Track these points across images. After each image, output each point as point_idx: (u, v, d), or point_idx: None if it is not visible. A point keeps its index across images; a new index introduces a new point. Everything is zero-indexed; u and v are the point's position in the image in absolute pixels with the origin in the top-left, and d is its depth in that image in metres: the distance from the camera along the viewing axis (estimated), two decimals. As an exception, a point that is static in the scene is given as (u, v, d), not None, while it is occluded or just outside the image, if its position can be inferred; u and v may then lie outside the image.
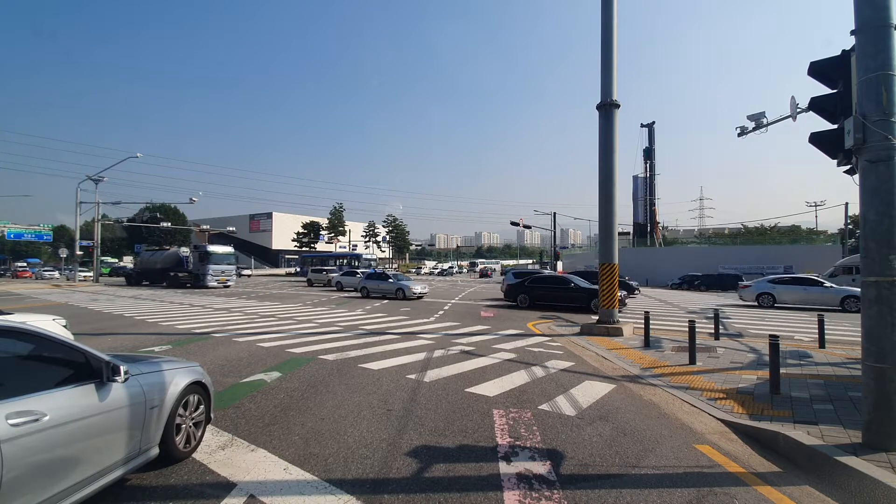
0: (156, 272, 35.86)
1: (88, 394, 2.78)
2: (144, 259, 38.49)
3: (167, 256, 35.96)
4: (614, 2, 11.18)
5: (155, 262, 36.21)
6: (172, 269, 34.31)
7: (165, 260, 35.62)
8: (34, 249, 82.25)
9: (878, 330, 3.76)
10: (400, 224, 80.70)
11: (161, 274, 35.09)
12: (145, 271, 37.22)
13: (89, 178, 38.96)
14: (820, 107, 4.81)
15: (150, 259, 37.37)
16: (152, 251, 39.72)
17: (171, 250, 37.02)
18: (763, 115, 21.52)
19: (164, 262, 35.40)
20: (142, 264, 38.22)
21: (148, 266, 36.99)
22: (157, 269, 35.60)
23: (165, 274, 34.48)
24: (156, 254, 37.94)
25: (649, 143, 41.43)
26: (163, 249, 38.89)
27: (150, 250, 40.39)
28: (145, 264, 37.58)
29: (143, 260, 38.48)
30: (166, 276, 34.36)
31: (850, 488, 3.34)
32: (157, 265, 35.79)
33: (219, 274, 32.00)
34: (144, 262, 37.96)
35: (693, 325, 7.65)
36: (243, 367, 7.27)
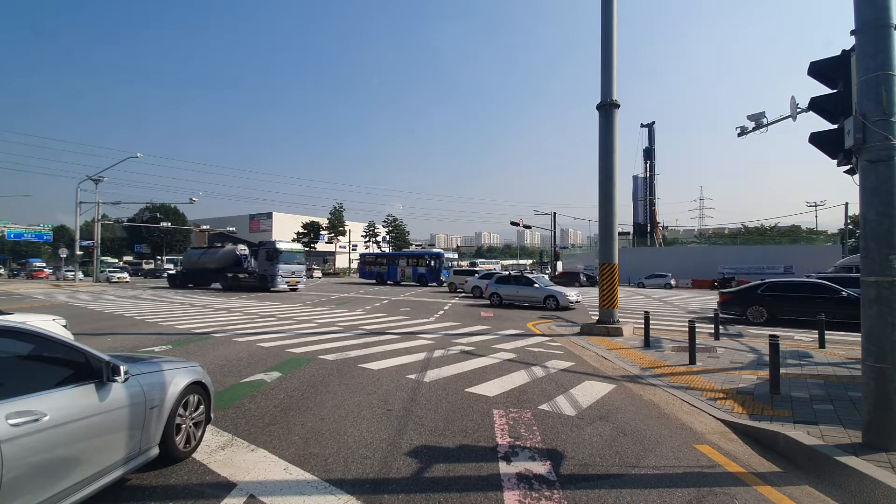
0: (206, 273, 31.87)
1: (88, 394, 2.78)
2: (192, 258, 34.05)
3: (223, 255, 31.38)
4: (614, 2, 11.19)
5: (206, 261, 31.81)
6: (229, 270, 30.40)
7: (221, 259, 31.11)
8: (34, 249, 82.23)
9: (878, 330, 3.76)
10: (400, 224, 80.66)
11: (213, 275, 31.42)
12: (193, 272, 33.12)
13: (89, 178, 39.02)
14: (820, 107, 4.81)
15: (201, 258, 32.82)
16: (201, 249, 35.47)
17: (226, 248, 32.15)
18: (763, 115, 21.55)
19: (220, 261, 31.01)
20: (189, 264, 34.02)
21: (197, 266, 32.70)
22: (209, 270, 31.50)
23: (219, 275, 30.79)
24: (207, 252, 33.29)
25: (649, 143, 41.45)
26: (215, 247, 34.26)
27: (199, 248, 36.54)
28: (193, 264, 33.25)
29: (191, 259, 34.09)
30: (220, 278, 30.75)
31: (850, 488, 3.34)
32: (208, 265, 31.48)
33: (288, 275, 27.72)
34: (192, 262, 33.59)
35: (693, 325, 7.65)
36: (243, 367, 7.27)
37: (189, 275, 33.63)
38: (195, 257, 33.62)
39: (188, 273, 33.77)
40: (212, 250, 33.23)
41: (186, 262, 34.82)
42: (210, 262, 31.55)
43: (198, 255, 33.61)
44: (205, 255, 32.62)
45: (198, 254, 33.86)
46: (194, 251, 35.56)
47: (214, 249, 33.31)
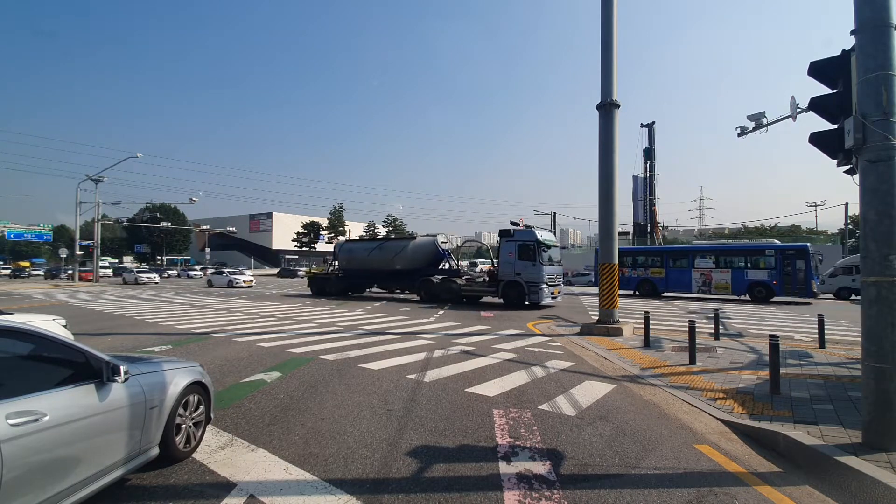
0: (386, 275, 22.23)
1: (88, 394, 2.78)
2: (355, 254, 23.44)
3: (416, 250, 21.20)
4: (614, 2, 11.19)
5: (386, 258, 21.82)
6: (426, 271, 20.81)
7: (414, 255, 21.18)
8: (34, 249, 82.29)
9: (878, 330, 3.76)
10: (400, 224, 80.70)
11: (400, 278, 21.80)
12: (357, 274, 23.32)
13: (89, 178, 39.03)
14: (820, 107, 4.81)
15: (373, 255, 22.41)
16: (376, 242, 24.30)
17: (420, 239, 21.82)
18: (763, 115, 21.54)
19: (411, 258, 21.23)
20: (350, 262, 23.49)
21: (366, 265, 22.72)
22: (392, 272, 21.79)
23: (407, 279, 21.36)
24: (383, 246, 22.57)
25: (649, 143, 41.45)
26: (400, 239, 23.95)
27: (366, 240, 26.18)
28: (360, 262, 23.03)
29: (354, 255, 23.39)
30: (408, 281, 21.37)
31: (850, 488, 3.34)
32: (390, 264, 21.63)
33: (552, 281, 17.67)
34: (357, 260, 23.21)
35: (693, 326, 7.65)
36: (243, 367, 7.27)
37: (351, 278, 23.61)
38: (361, 253, 23.11)
39: (349, 275, 23.67)
40: (393, 243, 22.75)
41: (346, 260, 23.80)
42: (392, 260, 21.56)
43: (366, 249, 23.12)
44: (381, 251, 22.29)
45: (365, 248, 23.32)
46: (355, 244, 25.19)
47: (398, 242, 22.77)
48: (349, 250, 23.98)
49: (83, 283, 39.74)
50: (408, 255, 21.24)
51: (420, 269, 20.95)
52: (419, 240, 21.83)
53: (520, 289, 17.27)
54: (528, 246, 17.28)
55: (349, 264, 23.60)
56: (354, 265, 23.35)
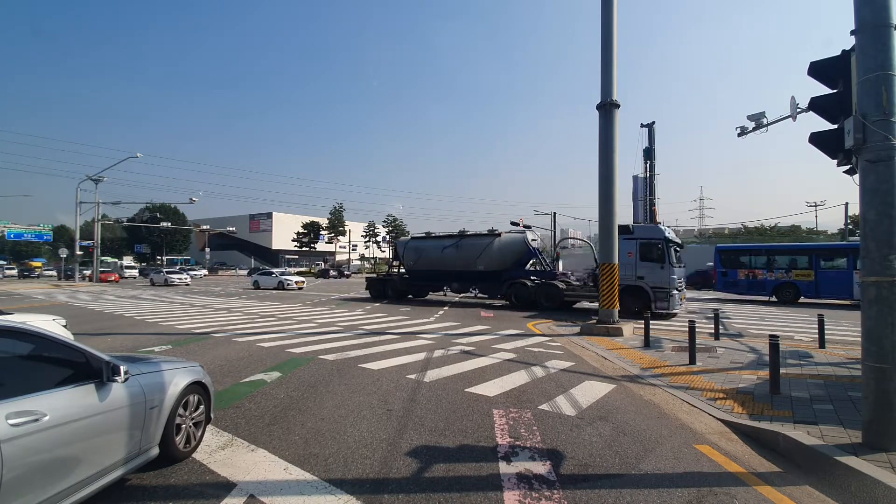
0: (464, 277, 19.63)
1: (88, 394, 2.78)
2: (426, 252, 20.46)
3: (504, 247, 18.27)
4: (614, 2, 11.19)
5: (464, 258, 19.06)
6: (520, 273, 18.03)
7: (500, 256, 18.24)
8: (34, 249, 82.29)
9: (878, 330, 3.76)
10: (400, 224, 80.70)
11: (481, 281, 19.34)
12: (427, 274, 20.70)
13: (89, 178, 39.05)
14: (820, 107, 4.81)
15: (446, 253, 19.62)
16: (451, 239, 20.19)
17: (508, 235, 18.84)
18: (763, 115, 21.54)
19: (497, 259, 18.28)
20: (418, 261, 20.69)
21: (440, 265, 19.91)
22: (472, 274, 19.13)
23: (496, 281, 18.49)
24: (461, 244, 19.39)
25: (649, 143, 41.46)
26: (481, 235, 19.91)
27: (438, 236, 21.33)
28: (430, 261, 20.22)
29: (424, 254, 20.52)
30: (496, 284, 18.55)
31: (850, 488, 3.34)
32: (470, 265, 18.91)
33: (679, 286, 15.04)
34: (426, 258, 20.38)
35: (693, 325, 7.65)
36: (243, 367, 7.27)
37: (418, 279, 21.13)
38: (433, 251, 20.18)
39: (416, 277, 21.15)
40: (473, 241, 19.32)
41: (412, 260, 20.92)
42: (473, 260, 18.75)
43: (438, 247, 20.09)
44: (459, 249, 19.29)
45: (437, 246, 20.21)
46: (425, 242, 21.16)
47: (479, 239, 19.31)
48: (417, 248, 20.92)
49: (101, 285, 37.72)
50: (493, 253, 18.41)
51: (506, 269, 18.17)
52: (506, 236, 18.86)
53: (642, 295, 14.61)
54: (653, 245, 14.58)
55: (416, 264, 20.81)
56: (423, 265, 20.61)
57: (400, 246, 22.18)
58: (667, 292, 14.30)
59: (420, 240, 21.70)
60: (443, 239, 20.70)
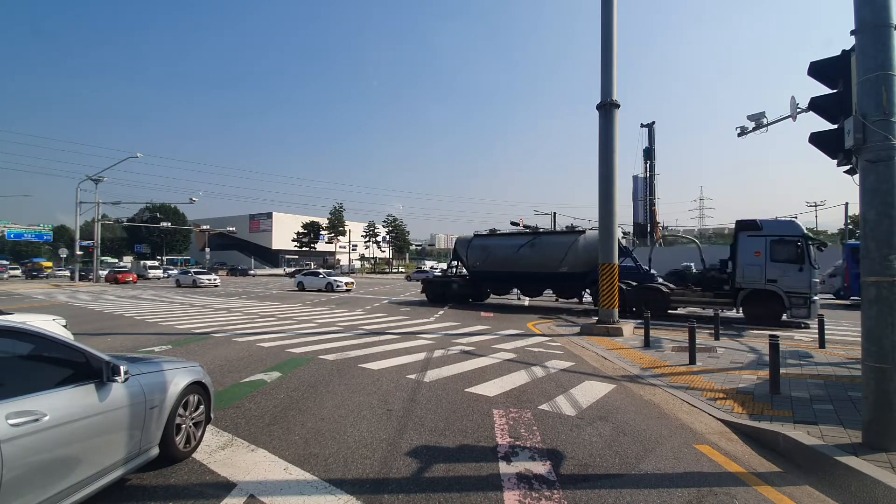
0: (541, 279, 17.28)
1: (88, 394, 2.78)
2: (494, 252, 18.05)
3: (590, 245, 15.32)
4: (614, 2, 11.19)
5: (543, 258, 16.61)
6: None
7: (587, 255, 15.46)
8: (34, 249, 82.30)
9: (878, 330, 3.76)
10: (400, 224, 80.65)
11: (562, 283, 17.06)
12: (497, 276, 18.36)
13: (89, 178, 39.04)
14: (820, 107, 4.81)
15: (525, 253, 17.04)
16: (525, 237, 17.95)
17: (595, 233, 15.06)
18: (763, 115, 21.57)
19: (582, 259, 15.72)
20: (486, 261, 18.10)
21: (512, 266, 17.40)
22: (552, 276, 16.75)
23: (580, 283, 16.48)
24: (538, 242, 17.07)
25: (649, 143, 41.45)
26: (560, 233, 18.11)
27: (509, 234, 19.76)
28: (501, 261, 17.74)
29: (492, 254, 18.05)
30: (581, 287, 16.76)
31: (850, 488, 3.34)
32: (550, 265, 16.51)
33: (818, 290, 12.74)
34: (496, 258, 17.89)
35: (693, 326, 7.65)
36: (243, 367, 7.27)
37: (484, 281, 18.90)
38: (504, 250, 17.70)
39: (482, 279, 18.72)
40: (552, 238, 17.15)
41: (478, 259, 18.33)
42: (554, 260, 16.29)
43: (510, 246, 17.61)
44: (536, 248, 16.81)
45: (509, 245, 17.74)
46: (494, 240, 18.86)
47: (560, 236, 16.99)
48: (484, 248, 18.35)
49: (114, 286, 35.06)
50: (578, 253, 15.92)
51: (592, 270, 14.92)
52: (592, 234, 15.95)
53: (774, 301, 12.49)
54: (790, 243, 12.42)
55: (484, 265, 18.23)
56: (491, 266, 18.07)
57: (461, 245, 19.72)
58: (806, 298, 12.13)
59: (486, 238, 19.49)
60: (514, 237, 18.95)
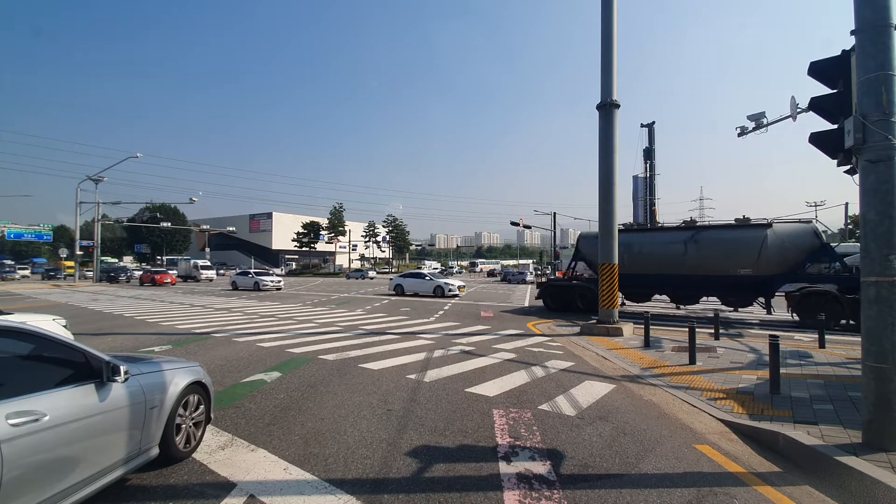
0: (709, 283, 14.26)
1: (88, 394, 2.77)
2: (639, 250, 15.16)
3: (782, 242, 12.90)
4: (614, 2, 11.19)
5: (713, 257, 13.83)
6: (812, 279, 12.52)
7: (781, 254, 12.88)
8: (34, 249, 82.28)
9: (878, 330, 3.76)
10: (400, 224, 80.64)
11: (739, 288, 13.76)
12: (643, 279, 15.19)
13: (89, 178, 39.05)
14: (820, 107, 4.81)
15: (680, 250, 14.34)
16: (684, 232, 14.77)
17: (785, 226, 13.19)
18: (763, 115, 21.58)
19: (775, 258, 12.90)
20: (630, 262, 14.89)
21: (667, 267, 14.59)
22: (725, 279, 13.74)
23: (765, 289, 13.43)
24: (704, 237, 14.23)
25: (649, 143, 41.47)
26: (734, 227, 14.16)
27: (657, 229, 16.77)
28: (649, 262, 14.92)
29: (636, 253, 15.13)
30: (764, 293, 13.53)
31: (850, 488, 3.34)
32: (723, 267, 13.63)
33: None
34: (641, 258, 15.03)
35: (693, 326, 7.65)
36: (243, 367, 7.26)
37: (628, 283, 15.08)
38: (653, 247, 14.97)
39: (625, 280, 13.73)
40: (726, 233, 13.99)
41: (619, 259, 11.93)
42: (730, 260, 13.43)
43: (664, 242, 14.87)
44: (702, 245, 13.99)
45: (662, 240, 14.97)
46: (638, 236, 15.69)
47: (739, 231, 13.74)
48: (625, 245, 14.46)
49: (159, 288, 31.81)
50: (769, 251, 12.86)
51: (782, 273, 12.80)
52: (782, 228, 13.11)
53: None
54: None
55: (625, 266, 13.95)
56: (635, 267, 14.81)
57: (588, 242, 16.26)
58: None
59: (627, 233, 15.45)
60: (663, 232, 15.41)
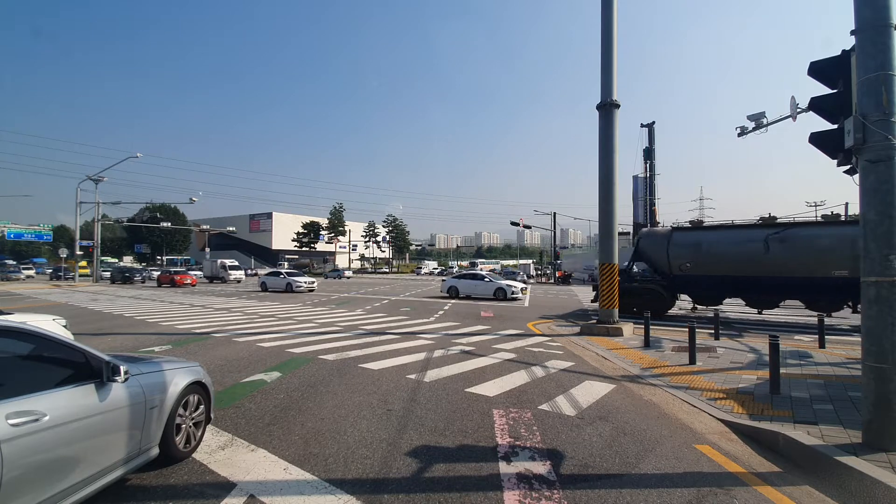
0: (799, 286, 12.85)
1: (88, 394, 2.77)
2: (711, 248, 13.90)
3: None
4: (614, 2, 11.19)
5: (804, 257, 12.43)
6: None
7: None
8: (34, 249, 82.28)
9: (878, 330, 3.76)
10: (400, 224, 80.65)
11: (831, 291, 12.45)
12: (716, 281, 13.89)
13: (89, 178, 39.02)
14: (820, 107, 4.81)
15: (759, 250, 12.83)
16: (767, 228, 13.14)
17: None
18: (763, 115, 21.58)
19: None
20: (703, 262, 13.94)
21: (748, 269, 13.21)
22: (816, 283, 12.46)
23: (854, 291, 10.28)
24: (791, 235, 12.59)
25: (649, 143, 41.48)
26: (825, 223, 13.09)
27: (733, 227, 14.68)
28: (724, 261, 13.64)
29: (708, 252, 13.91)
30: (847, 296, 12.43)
31: (850, 488, 3.34)
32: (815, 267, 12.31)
33: None
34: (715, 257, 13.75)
35: (693, 326, 7.65)
36: (243, 367, 7.26)
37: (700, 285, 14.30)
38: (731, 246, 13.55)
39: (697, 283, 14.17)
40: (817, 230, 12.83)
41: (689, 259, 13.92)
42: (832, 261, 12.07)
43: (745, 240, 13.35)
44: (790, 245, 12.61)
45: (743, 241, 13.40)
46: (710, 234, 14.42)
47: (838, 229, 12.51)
48: (697, 244, 13.77)
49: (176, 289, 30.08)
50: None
51: None
52: None
53: None
54: None
55: (697, 267, 13.63)
56: (708, 268, 13.65)
57: (651, 240, 14.96)
58: None
59: (699, 231, 14.49)
60: (741, 230, 13.88)
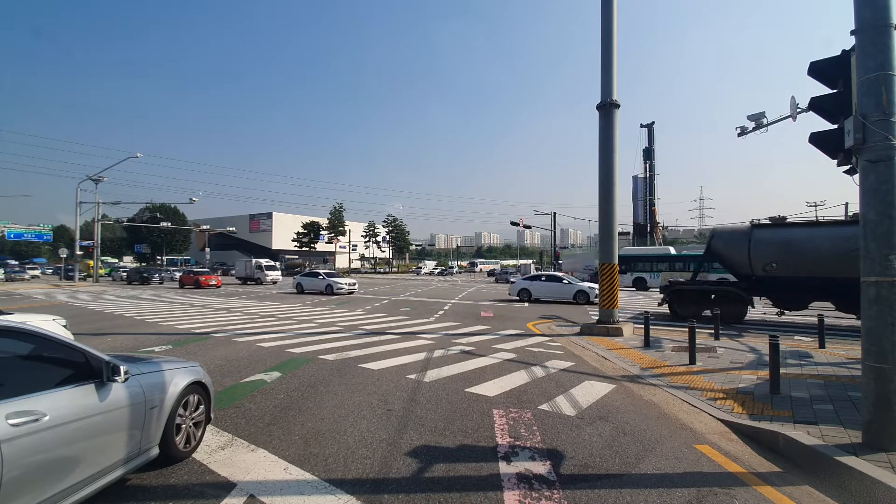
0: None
1: (88, 394, 2.77)
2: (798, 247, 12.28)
3: None
4: (614, 2, 11.19)
5: None
6: None
7: None
8: (34, 249, 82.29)
9: (878, 330, 3.76)
10: (400, 224, 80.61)
11: None
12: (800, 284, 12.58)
13: (89, 178, 39.00)
14: (820, 107, 4.81)
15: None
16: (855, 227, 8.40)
17: None
18: (763, 115, 21.58)
19: None
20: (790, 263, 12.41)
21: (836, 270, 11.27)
22: None
23: None
24: None
25: (649, 143, 41.48)
26: None
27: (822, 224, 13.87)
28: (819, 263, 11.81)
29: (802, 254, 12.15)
30: None
31: (850, 488, 3.34)
32: None
33: None
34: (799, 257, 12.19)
35: (693, 326, 7.65)
36: (243, 367, 7.26)
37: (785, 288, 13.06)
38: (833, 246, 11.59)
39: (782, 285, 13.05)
40: None
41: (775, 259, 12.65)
42: None
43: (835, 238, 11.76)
44: None
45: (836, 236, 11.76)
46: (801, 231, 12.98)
47: None
48: (784, 242, 12.58)
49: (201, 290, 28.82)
50: None
51: None
52: None
53: None
54: None
55: (783, 268, 12.52)
56: (796, 269, 12.44)
57: (726, 239, 13.93)
58: None
59: (785, 229, 13.08)
60: (836, 226, 12.57)
